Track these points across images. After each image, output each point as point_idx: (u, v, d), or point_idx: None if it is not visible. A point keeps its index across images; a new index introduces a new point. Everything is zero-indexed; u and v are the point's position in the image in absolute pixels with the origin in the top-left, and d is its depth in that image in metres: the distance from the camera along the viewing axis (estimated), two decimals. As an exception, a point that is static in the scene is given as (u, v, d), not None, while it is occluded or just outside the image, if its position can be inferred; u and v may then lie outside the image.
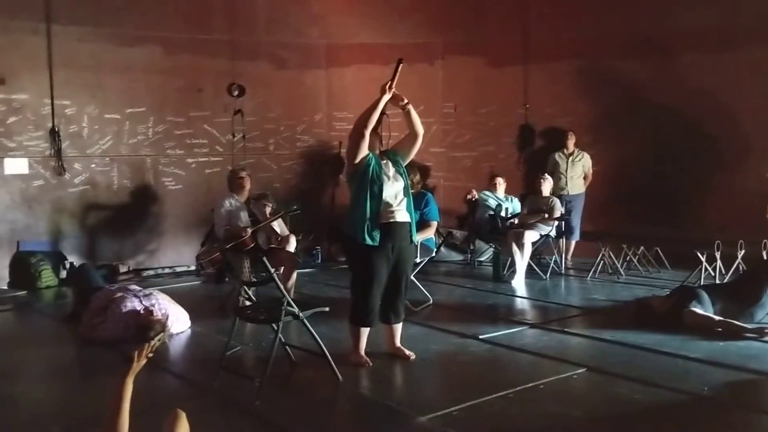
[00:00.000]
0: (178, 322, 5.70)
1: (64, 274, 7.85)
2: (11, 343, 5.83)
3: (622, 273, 7.82)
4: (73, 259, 8.03)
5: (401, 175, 4.68)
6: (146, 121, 8.67)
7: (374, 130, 4.57)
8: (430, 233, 6.46)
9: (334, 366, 4.39)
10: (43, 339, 5.84)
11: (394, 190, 4.62)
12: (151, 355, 2.83)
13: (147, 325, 5.35)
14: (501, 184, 8.49)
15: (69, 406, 4.20)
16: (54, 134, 8.03)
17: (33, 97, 7.94)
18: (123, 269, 8.27)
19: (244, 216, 6.56)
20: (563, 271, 8.16)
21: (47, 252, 7.92)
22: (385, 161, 4.66)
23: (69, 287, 7.28)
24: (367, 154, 4.56)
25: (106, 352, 5.16)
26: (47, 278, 7.67)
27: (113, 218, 8.52)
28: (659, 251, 8.08)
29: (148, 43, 8.56)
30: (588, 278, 7.73)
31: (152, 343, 2.84)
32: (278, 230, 6.73)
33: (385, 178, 4.58)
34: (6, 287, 7.66)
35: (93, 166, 8.38)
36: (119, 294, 5.63)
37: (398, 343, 4.89)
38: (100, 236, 8.45)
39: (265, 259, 4.43)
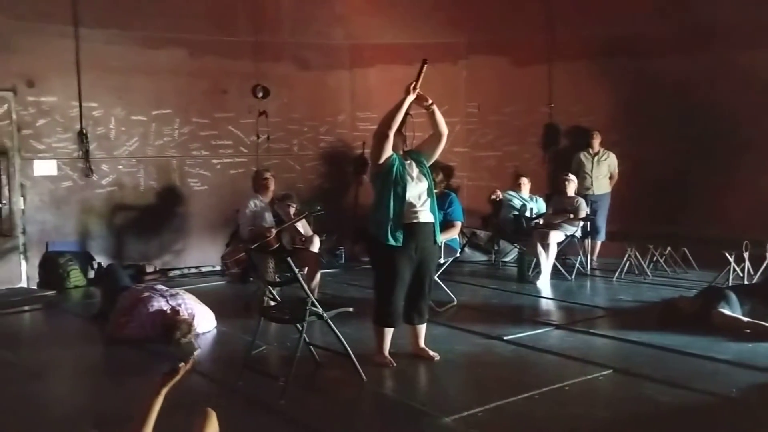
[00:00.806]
0: (204, 321, 5.75)
1: (92, 274, 7.97)
2: (41, 342, 5.94)
3: (649, 273, 7.74)
4: (101, 259, 8.14)
5: (425, 175, 4.68)
6: (172, 122, 8.76)
7: (398, 130, 4.58)
8: (454, 234, 6.45)
9: (359, 366, 4.40)
10: (72, 338, 5.94)
11: (417, 191, 4.62)
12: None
13: (173, 324, 5.40)
14: (526, 183, 8.44)
15: (97, 404, 4.26)
16: (82, 136, 8.15)
17: (61, 100, 8.06)
18: (150, 269, 8.36)
19: (268, 216, 6.60)
20: (589, 272, 8.10)
21: (75, 252, 8.03)
22: (408, 162, 4.66)
23: (97, 287, 7.39)
24: (391, 155, 4.56)
25: (133, 351, 5.23)
26: (76, 278, 7.79)
27: (140, 219, 8.63)
28: (686, 251, 7.98)
29: (173, 45, 8.65)
30: (614, 279, 7.66)
31: (191, 362, 2.87)
32: (302, 231, 6.76)
33: (408, 178, 4.58)
34: (36, 287, 7.79)
35: (120, 167, 8.49)
36: (146, 294, 5.69)
37: (422, 344, 4.88)
38: (127, 236, 8.56)
39: (289, 259, 4.45)
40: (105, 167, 8.38)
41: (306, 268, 6.24)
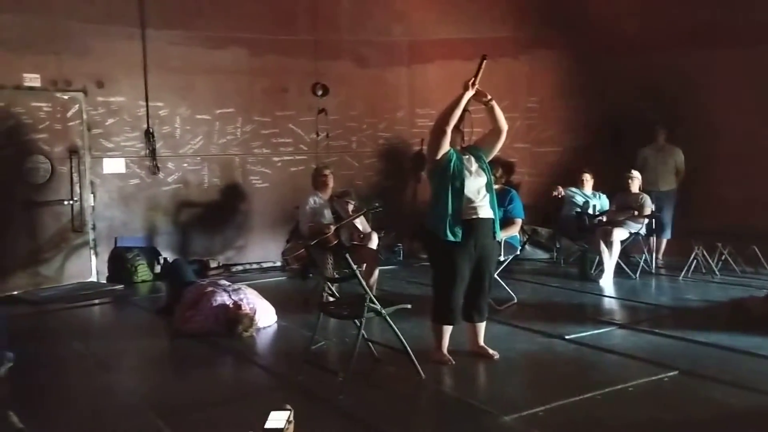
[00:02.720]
0: (265, 316, 5.84)
1: (158, 268, 8.20)
2: (110, 334, 6.15)
3: (717, 272, 7.50)
4: (167, 254, 8.37)
5: (484, 170, 4.63)
6: (235, 121, 8.93)
7: (456, 126, 4.55)
8: (514, 231, 6.37)
9: (417, 363, 4.39)
10: (139, 331, 6.12)
11: (476, 186, 4.57)
12: None
13: (235, 318, 5.52)
14: (589, 180, 8.26)
15: (162, 395, 4.38)
16: (148, 135, 8.38)
17: (129, 100, 8.30)
18: (213, 264, 8.56)
19: (327, 213, 6.66)
20: (654, 270, 7.90)
21: (143, 248, 8.28)
22: (467, 156, 4.62)
23: (163, 281, 7.60)
24: (448, 150, 4.53)
25: (197, 344, 5.35)
26: (143, 273, 8.03)
27: (204, 215, 8.83)
28: (756, 249, 7.68)
29: (235, 45, 8.81)
30: (680, 278, 7.45)
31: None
32: (360, 227, 6.79)
33: (467, 173, 4.54)
34: (105, 281, 8.07)
35: (185, 165, 8.70)
36: (210, 288, 5.83)
37: (481, 342, 4.84)
38: (192, 232, 8.77)
39: (347, 255, 4.47)
40: (170, 165, 8.61)
41: (364, 265, 6.27)
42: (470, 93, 4.47)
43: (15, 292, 7.37)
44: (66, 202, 7.93)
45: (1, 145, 7.44)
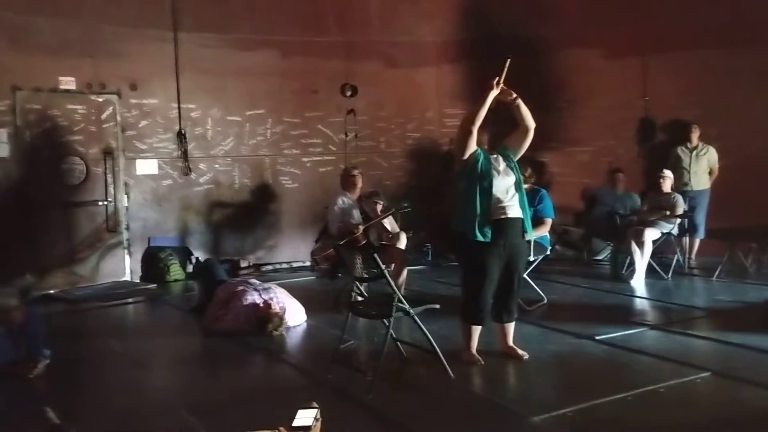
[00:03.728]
0: (295, 315, 5.90)
1: (190, 268, 8.31)
2: (143, 332, 6.26)
3: (751, 273, 7.36)
4: (199, 254, 8.49)
5: (512, 169, 4.61)
6: (265, 122, 9.02)
7: (482, 125, 4.54)
8: (544, 231, 6.33)
9: (446, 363, 4.40)
10: (172, 329, 6.22)
11: (505, 185, 4.56)
12: None
13: (265, 317, 5.58)
14: (621, 180, 8.19)
15: (195, 392, 4.45)
16: (181, 136, 8.51)
17: (162, 102, 8.44)
18: (244, 264, 8.66)
19: (356, 213, 6.69)
20: (687, 271, 7.80)
21: (175, 247, 8.41)
22: (495, 156, 4.61)
23: (195, 281, 7.70)
24: (475, 150, 4.53)
25: (228, 342, 5.43)
26: (175, 272, 8.16)
27: (235, 215, 8.93)
28: (793, 250, 7.55)
29: (266, 47, 8.90)
30: (713, 278, 7.34)
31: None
32: (389, 227, 6.81)
33: (494, 173, 4.53)
34: (138, 280, 8.20)
35: (216, 166, 8.81)
36: (240, 287, 5.90)
37: (511, 342, 4.83)
38: (223, 232, 8.88)
39: (375, 255, 4.50)
40: (202, 166, 8.72)
41: (393, 265, 6.29)
42: (495, 92, 4.47)
43: (52, 291, 7.54)
44: (101, 203, 8.08)
45: (39, 147, 7.61)
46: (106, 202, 8.11)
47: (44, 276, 7.62)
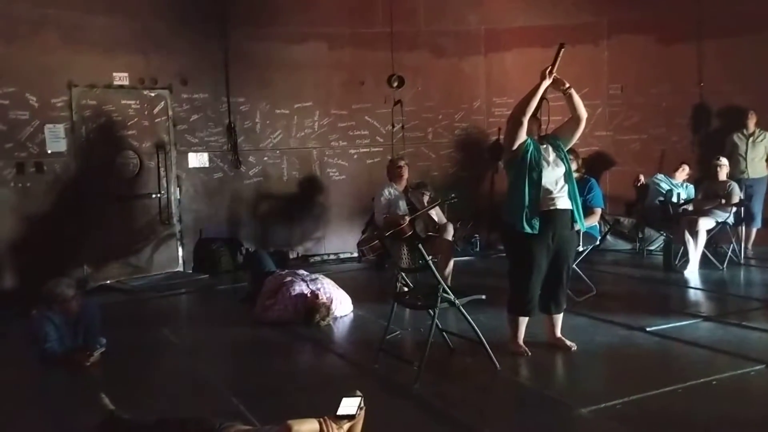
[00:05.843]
0: (342, 305, 5.95)
1: (240, 259, 8.44)
2: (195, 322, 6.41)
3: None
4: (248, 245, 8.61)
5: (562, 160, 4.54)
6: (312, 114, 9.08)
7: (533, 115, 4.48)
8: (594, 221, 6.23)
9: (492, 354, 4.38)
10: (222, 319, 6.33)
11: (554, 176, 4.50)
12: None
13: (313, 307, 5.64)
14: (685, 170, 8.00)
15: (243, 380, 4.53)
16: (230, 130, 8.63)
17: (211, 96, 8.56)
18: (292, 255, 8.76)
19: (402, 204, 6.69)
20: (743, 261, 7.57)
21: (226, 239, 8.55)
22: (545, 146, 4.55)
23: (244, 271, 7.82)
24: (525, 140, 4.47)
25: (277, 332, 5.51)
26: (226, 263, 8.30)
27: (283, 208, 9.02)
28: None
29: (313, 39, 8.95)
30: (772, 269, 7.12)
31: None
32: (436, 218, 6.80)
33: (544, 163, 4.47)
34: (190, 271, 8.38)
35: (265, 158, 8.92)
36: (289, 278, 5.98)
37: (558, 334, 4.78)
38: (272, 224, 8.98)
39: (421, 246, 4.50)
40: (251, 159, 8.84)
41: (439, 256, 6.28)
42: (548, 81, 4.41)
43: (108, 281, 7.76)
44: (154, 196, 8.26)
45: (94, 142, 7.82)
46: (159, 195, 8.28)
47: (101, 267, 7.84)
